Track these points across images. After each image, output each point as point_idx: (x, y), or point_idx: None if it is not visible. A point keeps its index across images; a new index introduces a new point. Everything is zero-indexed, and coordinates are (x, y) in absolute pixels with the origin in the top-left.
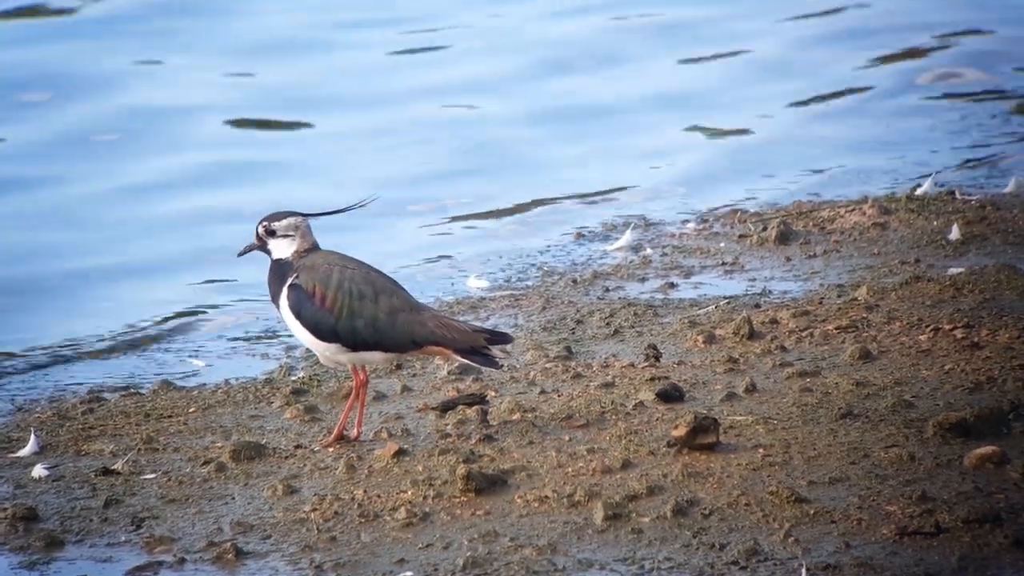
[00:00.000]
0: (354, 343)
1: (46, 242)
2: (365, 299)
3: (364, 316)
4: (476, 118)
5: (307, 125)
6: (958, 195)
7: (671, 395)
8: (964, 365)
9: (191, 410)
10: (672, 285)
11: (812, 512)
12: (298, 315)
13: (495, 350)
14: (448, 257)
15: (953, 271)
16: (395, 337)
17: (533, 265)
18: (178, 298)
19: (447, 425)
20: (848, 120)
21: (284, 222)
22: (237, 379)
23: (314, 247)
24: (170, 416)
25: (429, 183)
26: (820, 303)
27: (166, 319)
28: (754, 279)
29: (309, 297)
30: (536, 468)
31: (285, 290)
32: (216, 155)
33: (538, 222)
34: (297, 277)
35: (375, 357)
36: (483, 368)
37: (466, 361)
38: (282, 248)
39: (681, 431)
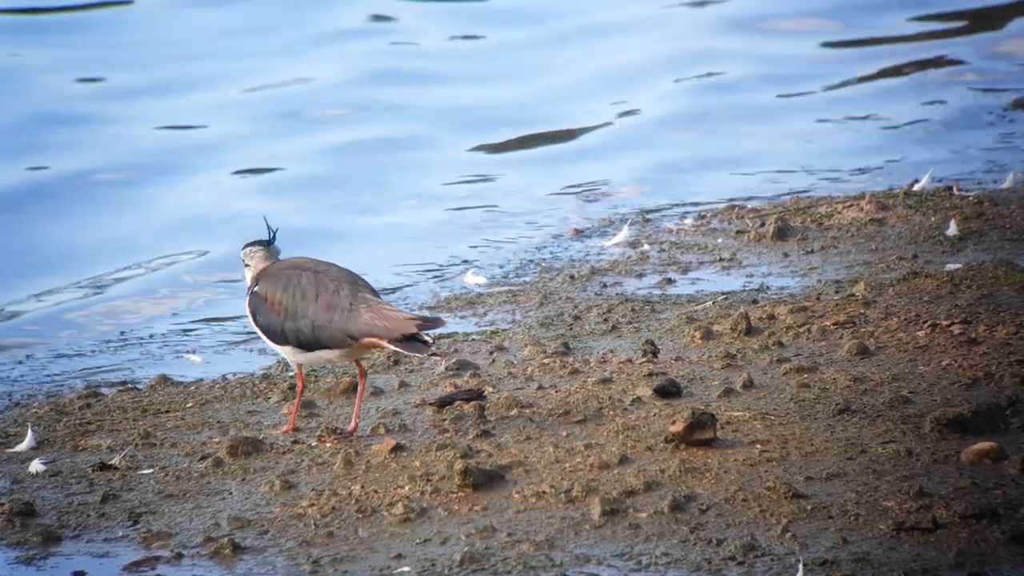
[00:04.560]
0: (300, 343)
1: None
2: (306, 299)
3: (306, 316)
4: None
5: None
6: (956, 191)
7: (668, 391)
8: (961, 361)
9: (188, 405)
10: (670, 281)
11: (809, 508)
12: (255, 319)
13: (425, 335)
14: (446, 253)
15: (951, 267)
16: (333, 334)
17: (531, 261)
18: (175, 294)
19: (444, 420)
20: (845, 115)
21: (242, 252)
22: (234, 374)
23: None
24: (167, 411)
25: (427, 178)
26: (818, 299)
27: (163, 315)
28: (752, 275)
29: (263, 302)
30: (533, 463)
31: (247, 297)
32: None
33: (536, 218)
34: (257, 285)
35: (329, 356)
36: (409, 353)
37: (398, 349)
38: (247, 275)
39: (679, 427)
